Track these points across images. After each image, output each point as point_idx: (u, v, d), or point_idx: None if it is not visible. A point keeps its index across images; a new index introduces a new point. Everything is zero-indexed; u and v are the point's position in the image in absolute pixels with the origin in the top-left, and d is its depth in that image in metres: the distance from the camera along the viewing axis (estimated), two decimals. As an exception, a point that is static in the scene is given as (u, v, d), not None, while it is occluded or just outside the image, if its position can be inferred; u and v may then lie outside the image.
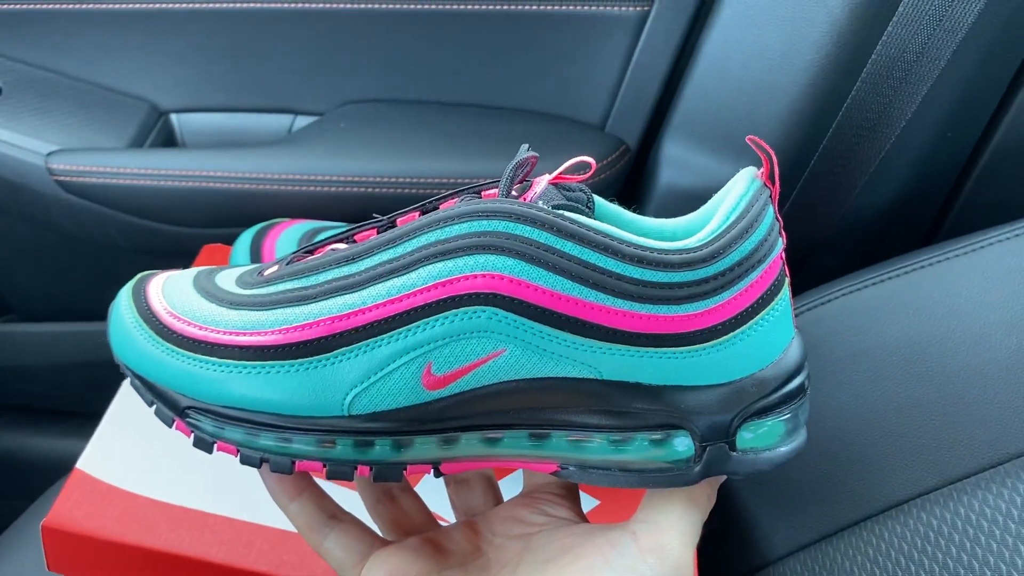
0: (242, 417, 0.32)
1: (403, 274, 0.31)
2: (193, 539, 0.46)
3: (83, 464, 0.48)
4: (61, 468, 0.66)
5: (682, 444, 0.31)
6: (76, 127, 0.73)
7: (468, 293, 0.30)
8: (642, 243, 0.30)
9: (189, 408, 0.33)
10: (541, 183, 0.32)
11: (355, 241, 0.35)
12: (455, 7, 0.70)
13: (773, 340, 0.32)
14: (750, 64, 0.64)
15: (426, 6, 0.69)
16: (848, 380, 0.54)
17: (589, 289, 0.29)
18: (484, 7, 0.69)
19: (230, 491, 0.48)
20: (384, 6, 0.70)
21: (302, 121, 0.77)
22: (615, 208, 0.36)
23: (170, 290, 0.36)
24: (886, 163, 0.62)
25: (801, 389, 0.33)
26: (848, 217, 0.65)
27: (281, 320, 0.32)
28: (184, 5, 0.71)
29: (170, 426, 0.33)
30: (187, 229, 0.72)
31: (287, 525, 0.46)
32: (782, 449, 0.32)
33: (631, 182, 0.74)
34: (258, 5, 0.71)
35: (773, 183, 0.33)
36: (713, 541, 0.57)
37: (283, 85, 0.75)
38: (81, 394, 0.85)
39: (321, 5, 0.71)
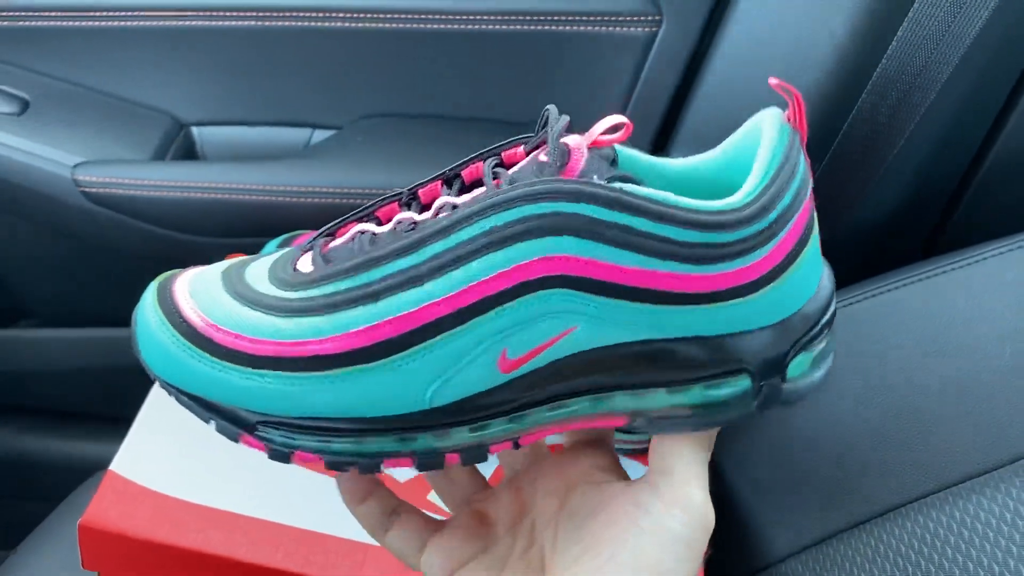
0: (316, 426, 0.32)
1: (468, 262, 0.30)
2: (222, 539, 0.47)
3: (116, 466, 0.49)
4: (81, 471, 0.68)
5: (742, 384, 0.33)
6: (101, 139, 0.74)
7: (538, 278, 0.30)
8: (694, 206, 0.31)
9: (259, 423, 0.32)
10: (582, 151, 0.31)
11: (378, 218, 0.35)
12: (471, 27, 0.70)
13: (812, 275, 0.34)
14: (754, 82, 0.64)
15: (442, 26, 0.70)
16: (849, 388, 0.54)
17: (651, 258, 0.30)
18: (499, 27, 0.70)
19: (258, 492, 0.49)
20: (400, 25, 0.71)
21: (320, 135, 0.78)
22: (632, 153, 0.36)
23: (201, 296, 0.34)
24: (886, 177, 0.63)
25: (833, 315, 0.35)
26: (849, 229, 0.66)
27: (349, 323, 0.31)
28: (205, 23, 0.72)
29: (236, 441, 0.32)
30: (207, 239, 0.73)
31: (313, 525, 0.48)
32: (818, 373, 0.35)
33: None
34: (277, 23, 0.72)
35: (799, 126, 0.33)
36: (716, 542, 0.57)
37: (301, 99, 0.76)
38: (102, 397, 0.86)
39: (339, 24, 0.71)
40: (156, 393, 0.53)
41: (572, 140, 0.32)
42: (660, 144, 0.73)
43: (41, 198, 0.73)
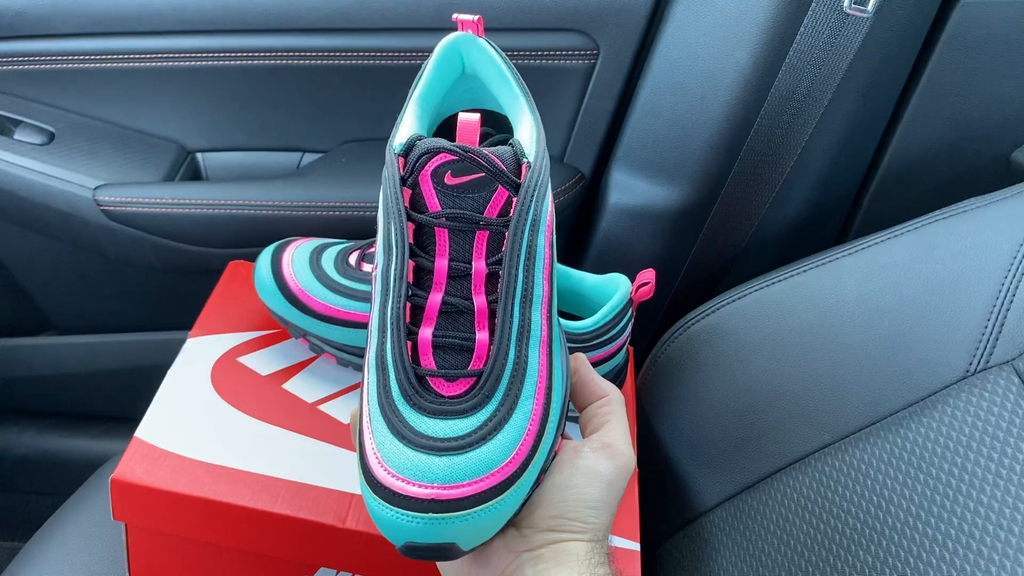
0: None
1: None
2: (229, 490, 0.49)
3: (140, 433, 0.52)
4: (93, 467, 0.69)
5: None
6: (118, 165, 0.75)
7: None
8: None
9: None
10: None
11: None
12: None
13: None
14: (676, 105, 0.68)
15: (411, 62, 0.71)
16: (758, 359, 0.58)
17: None
18: None
19: (257, 452, 0.52)
20: (376, 62, 0.72)
21: (309, 158, 0.79)
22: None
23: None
24: (789, 183, 0.67)
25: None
26: (762, 229, 0.70)
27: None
28: (207, 63, 0.73)
29: None
30: (213, 250, 0.74)
31: (306, 479, 0.51)
32: None
33: (587, 203, 0.77)
34: (269, 62, 0.73)
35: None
36: (650, 497, 0.60)
37: (292, 127, 0.77)
38: (112, 399, 0.87)
39: (323, 62, 0.73)
40: (172, 374, 0.56)
41: None
42: (603, 160, 0.76)
43: (66, 217, 0.74)
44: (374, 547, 0.50)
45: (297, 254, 0.59)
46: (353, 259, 0.58)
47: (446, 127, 0.45)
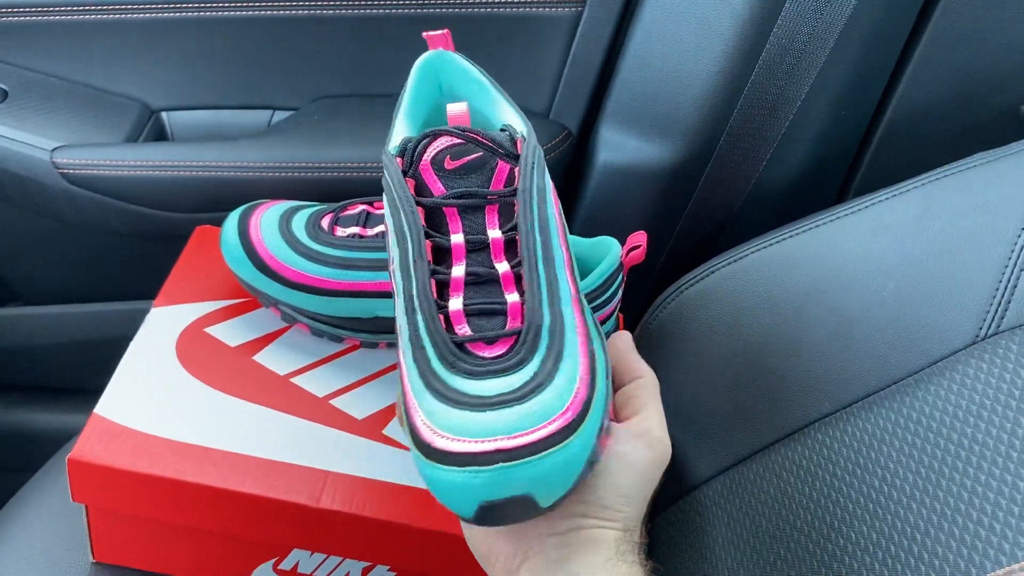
0: None
1: None
2: (195, 469, 0.49)
3: (100, 409, 0.51)
4: (62, 442, 0.68)
5: None
6: (76, 125, 0.74)
7: None
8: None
9: None
10: None
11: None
12: (414, 11, 0.72)
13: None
14: (669, 56, 0.67)
15: (389, 11, 0.71)
16: (755, 324, 0.57)
17: None
18: (439, 11, 0.72)
19: (225, 429, 0.51)
20: (350, 11, 0.72)
21: (280, 115, 0.79)
22: None
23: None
24: (788, 139, 0.66)
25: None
26: (759, 187, 0.69)
27: None
28: (170, 15, 0.72)
29: None
30: (179, 214, 0.73)
31: (277, 456, 0.50)
32: None
33: (575, 162, 0.77)
34: (237, 13, 0.72)
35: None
36: None
37: (262, 83, 0.77)
38: (80, 371, 0.86)
39: (293, 12, 0.72)
40: (134, 347, 0.55)
41: None
42: (591, 116, 0.75)
43: (23, 181, 0.73)
44: (349, 527, 0.49)
45: (266, 218, 0.58)
46: (326, 223, 0.57)
47: None
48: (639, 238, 0.55)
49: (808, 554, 0.47)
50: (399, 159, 0.39)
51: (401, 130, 0.43)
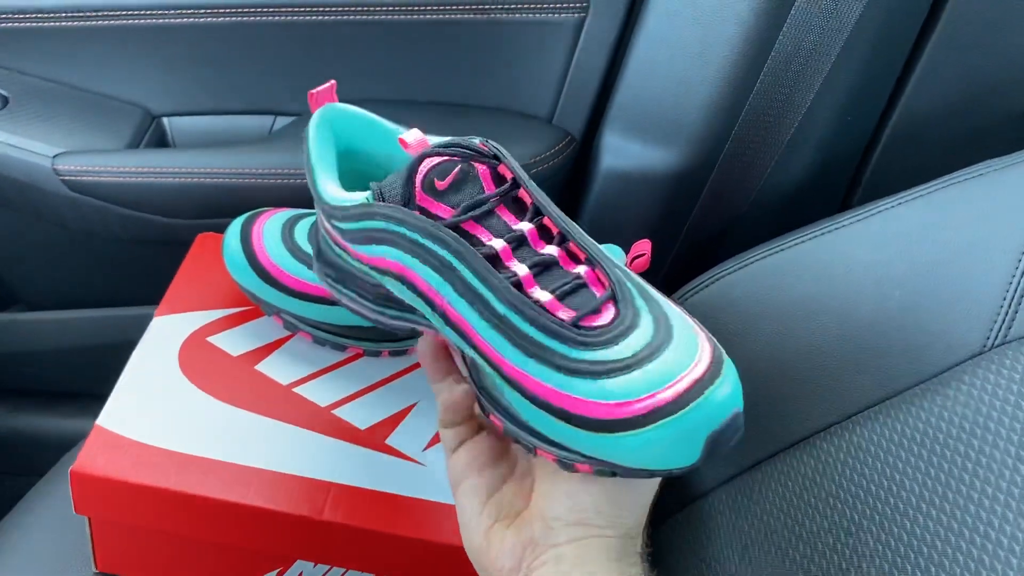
0: None
1: None
2: (198, 481, 0.48)
3: (102, 421, 0.50)
4: (66, 446, 0.68)
5: None
6: (78, 131, 0.73)
7: None
8: None
9: None
10: None
11: None
12: (416, 17, 0.71)
13: None
14: (673, 61, 0.66)
15: (391, 17, 0.71)
16: (761, 332, 0.57)
17: None
18: (445, 16, 0.71)
19: (228, 440, 0.51)
20: (352, 17, 0.71)
21: (282, 121, 0.78)
22: None
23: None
24: (793, 145, 0.65)
25: None
26: (763, 193, 0.68)
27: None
28: (172, 20, 0.72)
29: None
30: (181, 221, 0.73)
31: (280, 468, 0.50)
32: None
33: (578, 168, 0.76)
34: (238, 19, 0.72)
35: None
36: None
37: (264, 89, 0.76)
38: (83, 376, 0.86)
39: (296, 18, 0.72)
40: (137, 357, 0.55)
41: None
42: (594, 121, 0.74)
43: (24, 187, 0.73)
44: (353, 539, 0.49)
45: (268, 226, 0.58)
46: (328, 231, 0.56)
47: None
48: (643, 247, 0.55)
49: (814, 564, 0.47)
50: (379, 200, 0.40)
51: (329, 186, 0.44)
